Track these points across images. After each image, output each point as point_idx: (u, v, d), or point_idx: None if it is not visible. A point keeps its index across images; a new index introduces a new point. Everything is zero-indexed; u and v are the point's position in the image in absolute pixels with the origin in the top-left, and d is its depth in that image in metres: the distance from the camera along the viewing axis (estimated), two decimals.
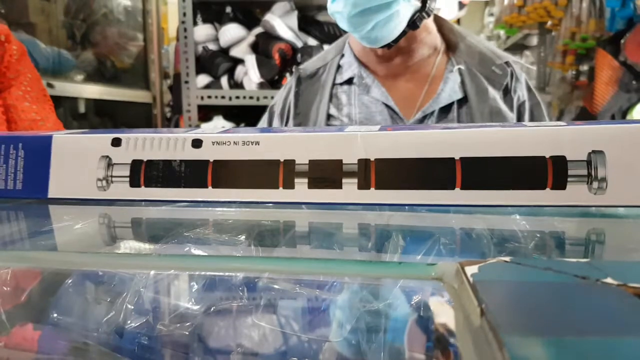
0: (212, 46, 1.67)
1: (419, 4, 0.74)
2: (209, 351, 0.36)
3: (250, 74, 1.59)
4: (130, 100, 1.98)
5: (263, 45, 1.60)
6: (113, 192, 0.36)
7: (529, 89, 0.82)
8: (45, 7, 1.69)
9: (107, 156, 0.36)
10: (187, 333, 0.34)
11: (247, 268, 0.24)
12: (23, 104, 0.86)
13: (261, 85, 1.60)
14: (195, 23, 1.65)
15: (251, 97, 1.60)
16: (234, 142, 0.35)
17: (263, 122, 0.91)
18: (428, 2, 0.75)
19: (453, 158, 0.31)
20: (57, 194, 0.37)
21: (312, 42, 1.62)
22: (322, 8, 1.70)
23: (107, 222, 0.36)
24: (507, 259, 0.17)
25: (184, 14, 1.62)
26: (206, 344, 0.36)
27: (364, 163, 0.33)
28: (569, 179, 0.30)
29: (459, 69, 0.79)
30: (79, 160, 0.37)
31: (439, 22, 0.84)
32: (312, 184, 0.33)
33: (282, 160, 0.34)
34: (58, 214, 0.38)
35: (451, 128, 0.33)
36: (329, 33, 1.62)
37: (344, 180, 0.33)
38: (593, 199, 0.30)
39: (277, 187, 0.34)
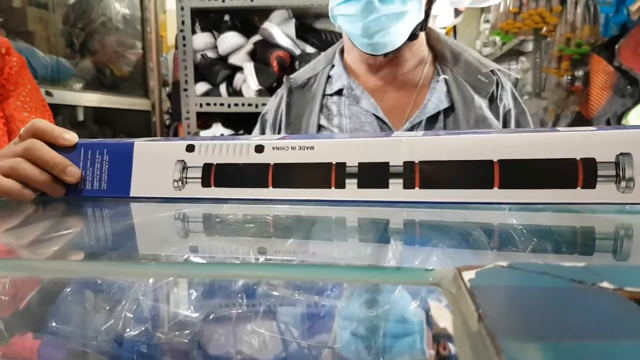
0: (210, 54, 1.67)
1: (422, 17, 0.76)
2: (209, 358, 0.36)
3: (249, 81, 1.59)
4: (129, 108, 1.99)
5: (261, 53, 1.60)
6: (187, 191, 0.41)
7: (514, 98, 0.83)
8: (44, 15, 1.70)
9: (183, 160, 0.41)
10: (186, 341, 0.34)
11: (246, 274, 0.24)
12: (22, 114, 0.86)
13: (260, 93, 1.61)
14: (193, 31, 1.66)
15: (250, 104, 1.60)
16: (292, 147, 0.39)
17: (256, 131, 0.92)
18: (430, 16, 0.77)
19: (492, 160, 0.34)
20: (138, 193, 0.42)
21: (310, 49, 1.62)
22: (320, 16, 1.71)
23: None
24: (504, 263, 0.18)
25: (183, 23, 1.62)
26: (206, 351, 0.36)
27: (409, 165, 0.36)
28: (598, 179, 0.33)
29: (445, 78, 0.80)
30: (158, 163, 0.42)
31: (426, 32, 0.85)
32: (361, 184, 0.37)
33: (334, 163, 0.38)
34: None
35: (489, 133, 0.36)
36: (327, 40, 1.63)
37: (390, 181, 0.36)
38: (621, 197, 0.33)
39: (330, 187, 0.37)
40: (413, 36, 0.78)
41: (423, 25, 0.78)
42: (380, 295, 0.33)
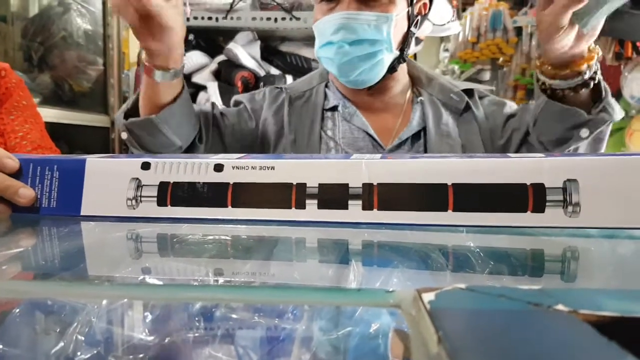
0: None
1: (398, 53, 0.84)
2: None
3: (213, 100, 1.58)
4: (88, 124, 1.94)
5: (226, 73, 1.60)
6: (142, 210, 0.40)
7: (495, 103, 0.90)
8: (2, 28, 1.65)
9: (137, 178, 0.40)
10: None
11: (204, 297, 0.24)
12: (15, 129, 0.96)
13: None
14: None
15: None
16: (252, 166, 0.39)
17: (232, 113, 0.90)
18: (405, 50, 0.85)
19: (446, 184, 0.35)
20: (89, 212, 0.41)
21: (274, 71, 1.63)
22: (285, 39, 1.72)
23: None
24: (463, 286, 0.18)
25: None
26: None
27: (368, 187, 0.37)
28: (547, 204, 0.34)
29: (420, 100, 0.90)
30: (111, 181, 0.41)
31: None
32: (321, 205, 0.37)
33: (294, 183, 0.38)
34: None
35: (445, 157, 0.37)
36: (292, 63, 1.64)
37: (350, 202, 0.37)
38: (568, 221, 0.34)
39: (290, 207, 0.37)
40: (392, 69, 0.85)
41: (400, 59, 0.86)
42: (341, 316, 0.33)
